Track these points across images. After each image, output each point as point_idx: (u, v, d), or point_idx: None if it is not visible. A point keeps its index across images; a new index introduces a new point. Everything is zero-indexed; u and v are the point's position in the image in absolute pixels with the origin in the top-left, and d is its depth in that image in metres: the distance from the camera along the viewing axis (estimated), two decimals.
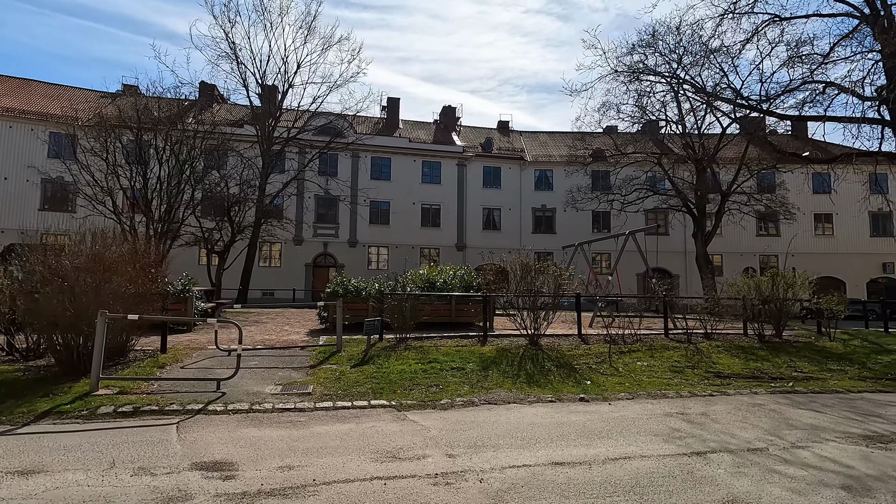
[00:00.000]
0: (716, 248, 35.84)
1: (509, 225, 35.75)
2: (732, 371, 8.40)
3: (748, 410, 6.11)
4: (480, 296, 10.64)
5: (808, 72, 14.27)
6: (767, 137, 34.02)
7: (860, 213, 36.06)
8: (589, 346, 9.68)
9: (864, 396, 7.14)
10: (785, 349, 9.91)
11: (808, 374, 8.39)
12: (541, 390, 6.86)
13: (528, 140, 40.23)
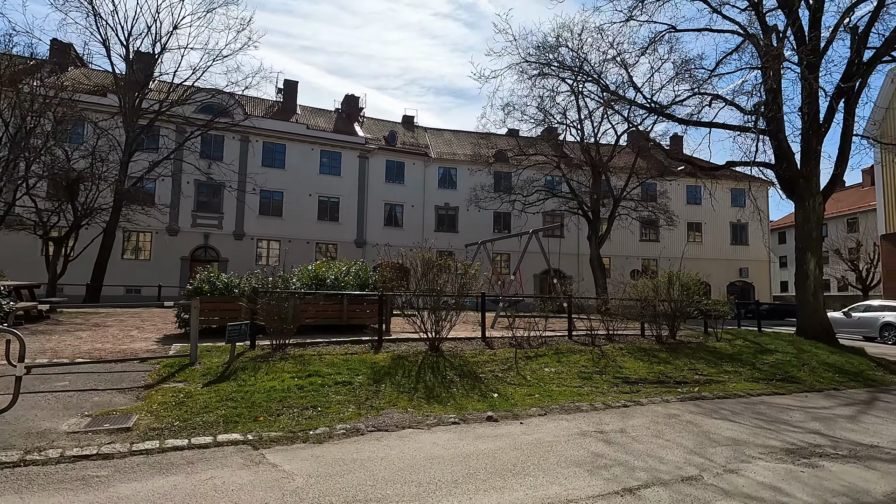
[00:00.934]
0: (605, 252, 37.82)
1: (412, 222, 34.74)
2: (639, 376, 8.02)
3: (665, 424, 5.55)
4: (376, 295, 9.35)
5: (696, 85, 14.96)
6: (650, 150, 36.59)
7: (724, 224, 40.50)
8: (494, 350, 8.84)
9: (764, 400, 7.04)
10: (682, 350, 9.91)
11: (709, 376, 8.28)
12: (442, 408, 5.78)
13: (433, 137, 39.55)
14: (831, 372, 9.06)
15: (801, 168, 12.06)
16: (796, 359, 9.77)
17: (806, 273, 11.85)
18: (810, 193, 11.80)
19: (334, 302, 10.38)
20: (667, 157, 22.29)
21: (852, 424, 5.87)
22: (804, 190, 11.90)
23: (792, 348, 10.68)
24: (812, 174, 11.88)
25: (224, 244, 30.19)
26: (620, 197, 26.47)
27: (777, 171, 12.53)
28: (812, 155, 11.87)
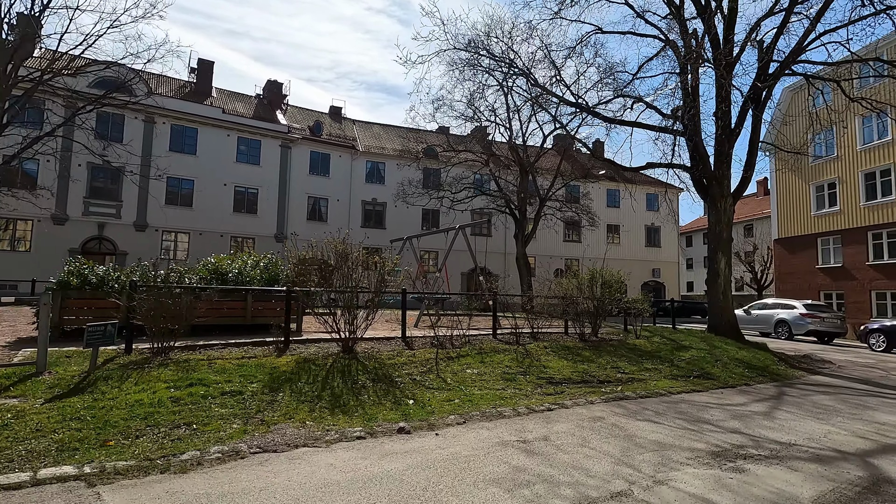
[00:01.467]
0: (531, 251, 38.53)
1: (337, 216, 33.29)
2: (564, 376, 7.72)
3: (591, 429, 5.17)
4: (283, 291, 8.37)
5: (619, 88, 15.26)
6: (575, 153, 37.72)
7: (639, 227, 42.78)
8: (414, 351, 8.19)
9: (684, 398, 6.96)
10: (605, 348, 9.83)
11: (631, 375, 8.17)
12: (347, 420, 5.03)
13: (361, 129, 38.26)
14: (741, 367, 9.34)
15: (714, 170, 12.56)
16: (709, 355, 10.02)
17: (717, 272, 12.36)
18: (722, 195, 12.33)
19: (236, 299, 9.25)
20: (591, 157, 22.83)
21: (768, 421, 5.84)
22: (717, 192, 12.40)
23: (705, 345, 11.00)
24: (724, 176, 12.41)
25: (123, 236, 27.17)
26: (546, 197, 26.89)
27: (693, 172, 12.99)
28: (724, 158, 12.41)
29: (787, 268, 26.49)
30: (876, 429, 5.70)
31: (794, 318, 18.40)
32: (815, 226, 24.91)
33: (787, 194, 26.75)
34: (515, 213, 26.93)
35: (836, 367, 10.97)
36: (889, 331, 15.37)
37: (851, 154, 23.34)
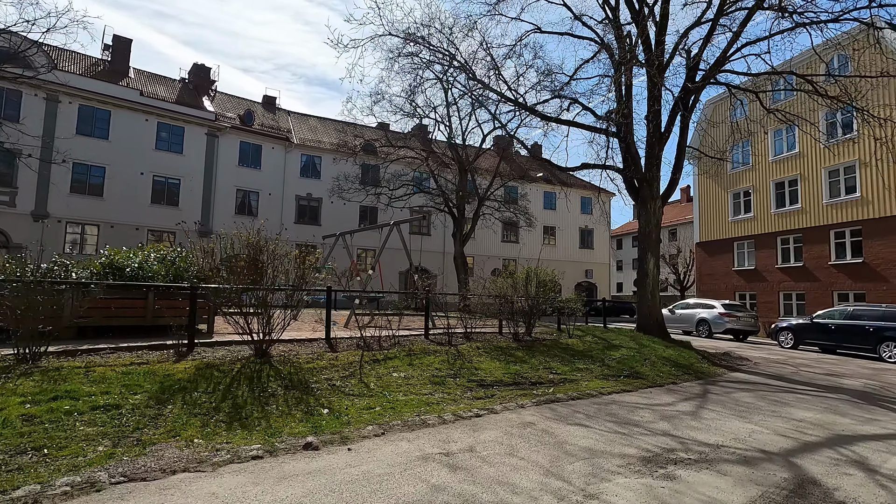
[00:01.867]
0: (469, 251, 38.61)
1: (269, 211, 31.61)
2: (495, 378, 7.39)
3: (520, 436, 4.82)
4: (186, 288, 7.45)
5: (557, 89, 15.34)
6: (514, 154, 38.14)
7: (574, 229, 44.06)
8: (337, 353, 7.56)
9: (615, 399, 6.83)
10: (538, 348, 9.65)
11: (563, 375, 7.99)
12: (246, 435, 4.36)
13: (296, 121, 36.63)
14: (668, 366, 9.47)
15: (645, 172, 12.84)
16: (639, 354, 10.11)
17: (646, 272, 12.64)
18: (652, 197, 12.62)
19: (136, 297, 8.18)
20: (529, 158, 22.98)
21: (695, 422, 5.77)
22: (647, 193, 12.68)
23: (634, 343, 11.14)
24: (654, 178, 12.72)
25: (17, 226, 24.20)
26: (485, 196, 26.86)
27: (625, 174, 13.22)
28: (655, 160, 12.72)
29: (707, 269, 28.08)
30: (795, 426, 5.78)
31: (714, 317, 19.38)
32: (732, 231, 26.55)
33: (708, 201, 28.36)
34: (454, 212, 26.69)
35: (753, 363, 11.48)
36: (796, 329, 16.48)
37: (764, 165, 25.06)
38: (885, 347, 13.68)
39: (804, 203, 22.94)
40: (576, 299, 11.76)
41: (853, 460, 4.60)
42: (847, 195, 21.23)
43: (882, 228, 19.76)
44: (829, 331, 15.26)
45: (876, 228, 19.98)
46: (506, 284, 10.44)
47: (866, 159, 20.47)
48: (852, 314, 14.95)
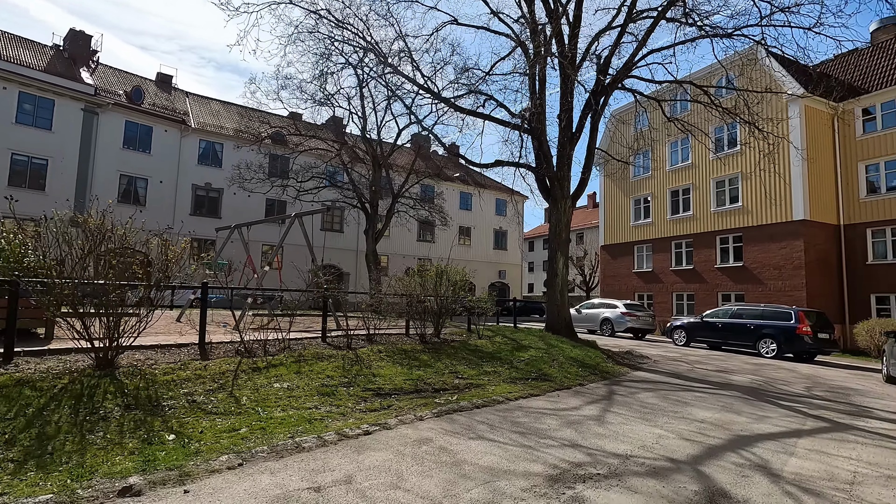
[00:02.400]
0: (384, 249, 37.66)
1: (160, 200, 28.46)
2: (395, 385, 6.65)
3: (413, 457, 4.12)
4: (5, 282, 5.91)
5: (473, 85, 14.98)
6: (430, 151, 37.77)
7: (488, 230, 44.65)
8: (209, 361, 6.40)
9: (521, 405, 6.37)
10: (445, 350, 9.06)
11: (469, 380, 7.44)
12: (39, 479, 3.23)
13: (196, 104, 33.41)
14: (576, 367, 9.31)
15: (556, 171, 12.82)
16: (547, 354, 9.89)
17: (556, 272, 12.61)
18: (563, 196, 12.62)
19: None
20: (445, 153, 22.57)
21: (602, 428, 5.44)
22: (558, 193, 12.66)
23: (543, 344, 10.96)
24: (565, 178, 12.74)
25: None
26: (399, 193, 26.08)
27: (537, 172, 13.13)
28: (566, 160, 12.74)
29: (610, 271, 29.49)
30: (697, 428, 5.65)
31: (617, 316, 20.17)
32: (633, 235, 28.09)
33: (613, 206, 29.82)
34: (366, 208, 25.60)
35: (653, 361, 11.80)
36: (688, 327, 17.52)
37: (662, 174, 26.77)
38: (763, 344, 14.86)
39: (695, 210, 24.74)
40: (486, 299, 11.38)
41: (756, 464, 4.44)
42: (731, 204, 23.17)
43: (759, 235, 21.75)
44: (716, 329, 16.35)
45: (754, 235, 21.96)
46: (414, 283, 9.76)
47: (748, 172, 22.45)
48: (736, 313, 16.12)
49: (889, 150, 20.23)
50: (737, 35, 11.72)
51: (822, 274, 20.59)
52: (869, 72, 21.80)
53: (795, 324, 14.15)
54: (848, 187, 21.38)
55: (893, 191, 20.04)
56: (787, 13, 10.88)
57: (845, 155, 21.58)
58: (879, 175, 20.60)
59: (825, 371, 12.18)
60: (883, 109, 20.65)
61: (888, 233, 20.15)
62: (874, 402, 8.28)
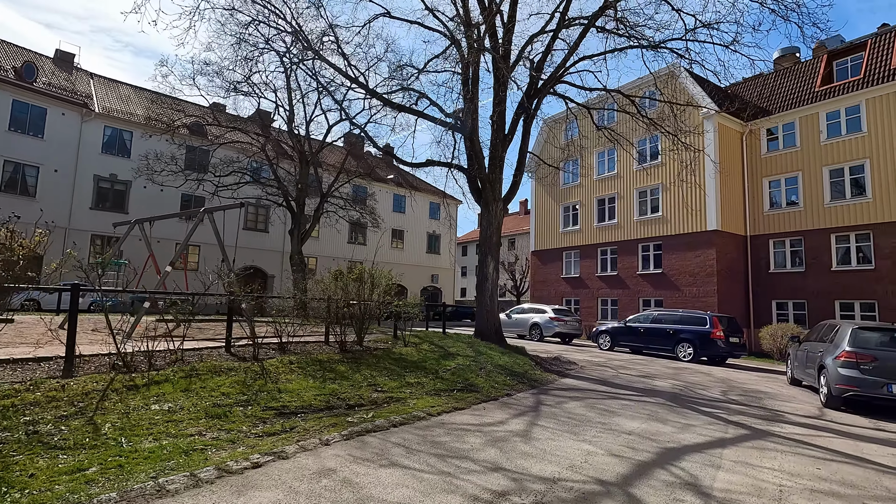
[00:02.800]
0: (312, 251, 36.08)
1: (54, 191, 25.38)
2: (303, 402, 5.89)
3: (308, 497, 3.43)
4: None
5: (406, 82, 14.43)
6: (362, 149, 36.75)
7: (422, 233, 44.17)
8: (73, 379, 5.31)
9: (444, 421, 5.84)
10: (366, 360, 8.36)
11: (390, 393, 6.81)
12: None
13: (102, 87, 30.25)
14: (504, 375, 8.95)
15: (488, 173, 12.52)
16: (475, 362, 9.47)
17: (486, 276, 12.28)
18: (494, 199, 12.34)
19: None
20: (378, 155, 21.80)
21: (528, 445, 5.02)
22: (490, 195, 12.37)
23: (471, 351, 10.54)
24: (497, 180, 12.47)
25: None
26: (328, 192, 24.89)
27: (469, 173, 12.77)
28: (498, 162, 12.48)
29: (540, 277, 29.97)
30: (626, 441, 5.39)
31: (545, 321, 20.32)
32: (562, 241, 28.74)
33: (543, 213, 30.38)
34: (293, 206, 24.16)
35: (580, 367, 11.75)
36: (612, 332, 17.94)
37: (590, 182, 27.60)
38: (681, 348, 15.43)
39: (620, 219, 25.67)
40: (414, 304, 10.80)
41: (686, 483, 4.18)
42: (652, 214, 24.24)
43: (677, 244, 22.88)
44: (639, 334, 16.83)
45: (672, 244, 23.07)
46: (334, 286, 8.98)
47: (668, 184, 23.58)
48: (657, 318, 16.69)
49: (789, 167, 22.02)
50: (663, 47, 12.03)
51: (731, 281, 21.98)
52: (773, 96, 23.68)
53: (710, 329, 14.81)
54: (754, 201, 23.03)
55: (791, 206, 21.80)
56: (710, 28, 11.30)
57: (752, 171, 23.26)
58: (780, 191, 22.36)
59: (737, 374, 12.75)
60: (784, 130, 22.48)
61: (787, 244, 21.88)
62: (783, 405, 8.60)
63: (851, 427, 7.09)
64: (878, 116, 19.50)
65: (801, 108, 21.78)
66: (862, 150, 19.88)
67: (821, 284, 20.47)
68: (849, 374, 8.00)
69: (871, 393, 7.78)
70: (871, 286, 19.08)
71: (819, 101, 21.26)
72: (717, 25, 11.22)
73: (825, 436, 6.41)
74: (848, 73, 21.42)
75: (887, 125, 19.24)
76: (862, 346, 8.10)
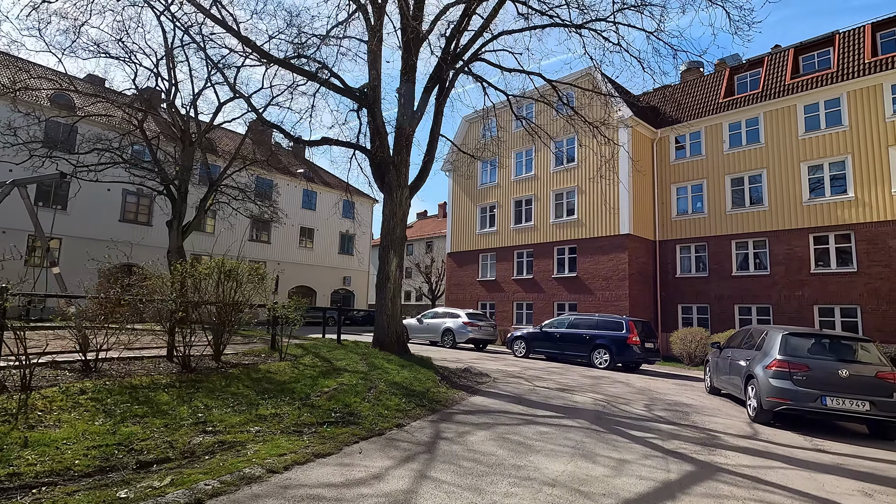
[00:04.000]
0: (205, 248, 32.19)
1: None
2: (59, 463, 3.68)
3: None
4: None
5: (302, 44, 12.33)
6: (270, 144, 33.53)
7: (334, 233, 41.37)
8: None
9: (289, 481, 3.91)
10: (212, 382, 6.20)
11: (225, 435, 4.75)
12: None
13: None
14: (399, 396, 7.15)
15: (393, 155, 10.73)
16: (365, 380, 7.60)
17: (388, 275, 10.44)
18: (399, 185, 10.55)
19: None
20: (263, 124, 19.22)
21: None
22: (394, 180, 10.56)
23: (364, 365, 8.66)
24: (402, 163, 10.70)
25: None
26: (219, 181, 21.72)
27: (372, 156, 10.88)
28: (405, 142, 10.72)
29: (455, 280, 28.68)
30: (550, 501, 3.82)
31: (458, 326, 18.90)
32: (479, 243, 27.68)
33: (460, 213, 29.19)
34: (174, 194, 20.70)
35: (492, 380, 10.30)
36: (527, 338, 16.87)
37: (508, 183, 26.80)
38: (597, 354, 14.62)
39: (536, 221, 25.05)
40: (292, 306, 8.68)
41: None
42: (567, 216, 23.83)
43: (591, 247, 22.57)
44: (554, 339, 15.86)
45: (587, 247, 22.74)
46: (169, 283, 6.70)
47: (583, 187, 23.28)
48: (573, 323, 15.82)
49: (694, 175, 22.54)
50: (587, 27, 11.01)
51: (641, 285, 22.00)
52: (681, 105, 24.28)
53: (626, 334, 14.11)
54: (663, 206, 23.36)
55: (697, 212, 22.31)
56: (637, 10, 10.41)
57: (661, 177, 23.61)
58: (687, 198, 22.84)
59: (655, 383, 12.01)
60: (691, 139, 23.02)
61: (692, 249, 22.35)
62: (712, 420, 7.65)
63: (792, 449, 6.17)
64: (775, 128, 20.39)
65: (706, 118, 22.40)
66: (760, 161, 20.68)
67: (722, 289, 21.01)
68: (781, 386, 7.17)
69: (805, 406, 6.99)
70: (767, 291, 19.79)
71: (722, 112, 21.95)
72: (642, 7, 10.35)
73: (776, 466, 5.33)
74: (747, 86, 22.37)
75: (782, 137, 20.14)
76: (794, 355, 7.32)
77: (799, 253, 19.26)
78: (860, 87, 18.54)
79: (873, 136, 18.10)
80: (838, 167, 18.84)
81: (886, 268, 17.34)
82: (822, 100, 19.43)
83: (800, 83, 20.17)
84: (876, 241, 17.69)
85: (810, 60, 21.08)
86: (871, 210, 17.87)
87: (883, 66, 18.15)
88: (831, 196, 18.76)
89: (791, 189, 19.67)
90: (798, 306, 19.00)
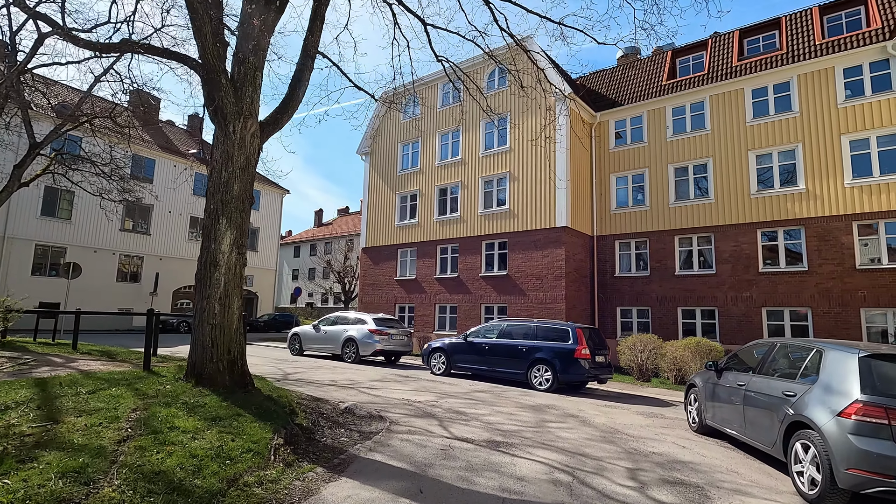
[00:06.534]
0: (64, 239, 25.93)
1: None
2: None
3: None
4: None
5: None
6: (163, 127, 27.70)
7: None
8: None
9: None
10: None
11: None
12: None
13: None
14: None
15: (233, 67, 6.68)
16: (80, 472, 3.57)
17: (215, 256, 6.28)
18: (239, 111, 6.43)
19: None
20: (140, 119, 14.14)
21: None
22: (231, 105, 6.42)
23: (126, 421, 4.59)
24: (248, 82, 6.59)
25: None
26: (45, 141, 16.20)
27: (198, 68, 6.71)
28: (253, 50, 6.63)
29: (370, 279, 24.71)
30: None
31: (363, 335, 14.98)
32: (398, 237, 23.93)
33: (377, 203, 25.29)
34: None
35: (387, 427, 6.56)
36: (449, 349, 13.31)
37: (431, 168, 23.30)
38: (536, 372, 11.36)
39: (463, 212, 21.75)
40: None
41: None
42: (498, 207, 20.74)
43: (524, 242, 19.60)
44: (482, 352, 12.45)
45: (519, 241, 19.75)
46: None
47: (516, 173, 20.29)
48: (506, 331, 12.49)
49: (635, 164, 20.28)
50: None
51: (578, 285, 19.34)
52: (621, 87, 22.06)
53: (573, 345, 10.95)
54: (601, 198, 20.94)
55: (638, 205, 20.06)
56: None
57: (600, 165, 21.19)
58: (627, 189, 20.56)
59: (618, 415, 8.86)
60: (632, 124, 20.77)
61: (632, 246, 20.05)
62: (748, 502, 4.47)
63: None
64: (721, 114, 18.53)
65: (648, 101, 20.22)
66: (705, 149, 18.73)
67: (664, 290, 18.81)
68: (874, 451, 4.10)
69: None
70: (713, 292, 17.79)
71: (665, 95, 19.85)
72: None
73: None
74: (690, 69, 20.52)
75: (729, 123, 18.30)
76: (890, 394, 4.29)
77: (746, 250, 17.39)
78: (811, 70, 16.98)
79: (825, 123, 16.56)
80: (788, 156, 17.19)
81: (839, 266, 15.73)
82: (770, 83, 17.75)
83: (747, 65, 18.44)
84: (827, 238, 16.09)
85: (755, 44, 19.52)
86: (823, 204, 16.28)
87: (834, 48, 16.70)
88: (780, 188, 17.04)
89: (738, 180, 17.82)
90: (746, 309, 17.09)
